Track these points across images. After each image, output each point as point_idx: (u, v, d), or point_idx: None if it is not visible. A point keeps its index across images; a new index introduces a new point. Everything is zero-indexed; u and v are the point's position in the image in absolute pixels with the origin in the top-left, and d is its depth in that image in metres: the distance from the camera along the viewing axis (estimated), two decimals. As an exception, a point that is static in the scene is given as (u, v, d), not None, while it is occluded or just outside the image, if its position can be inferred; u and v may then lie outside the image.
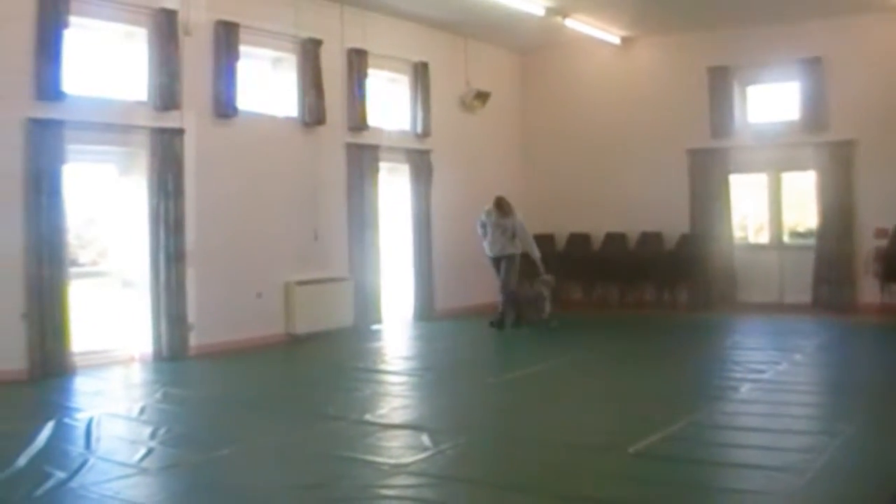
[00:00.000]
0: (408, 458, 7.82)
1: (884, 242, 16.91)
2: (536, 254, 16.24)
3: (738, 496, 6.62)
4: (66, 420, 9.42)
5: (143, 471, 7.65)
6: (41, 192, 11.74)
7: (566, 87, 20.34)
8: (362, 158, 16.30)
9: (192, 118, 13.55)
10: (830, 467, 7.18)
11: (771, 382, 10.76)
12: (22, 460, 7.83)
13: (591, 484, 7.01)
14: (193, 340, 13.56)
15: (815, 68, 17.39)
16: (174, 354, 13.18)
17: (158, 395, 10.80)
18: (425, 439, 8.45)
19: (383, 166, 16.87)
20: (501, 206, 15.99)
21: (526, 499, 6.75)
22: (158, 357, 13.10)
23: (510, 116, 20.58)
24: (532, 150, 20.70)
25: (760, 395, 10.09)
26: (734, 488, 6.82)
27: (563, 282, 19.11)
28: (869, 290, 17.10)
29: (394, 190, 17.53)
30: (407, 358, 13.82)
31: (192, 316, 13.50)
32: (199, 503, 6.98)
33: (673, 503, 6.47)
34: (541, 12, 16.48)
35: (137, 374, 12.39)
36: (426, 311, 17.48)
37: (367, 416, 9.56)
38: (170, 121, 13.22)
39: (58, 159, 11.87)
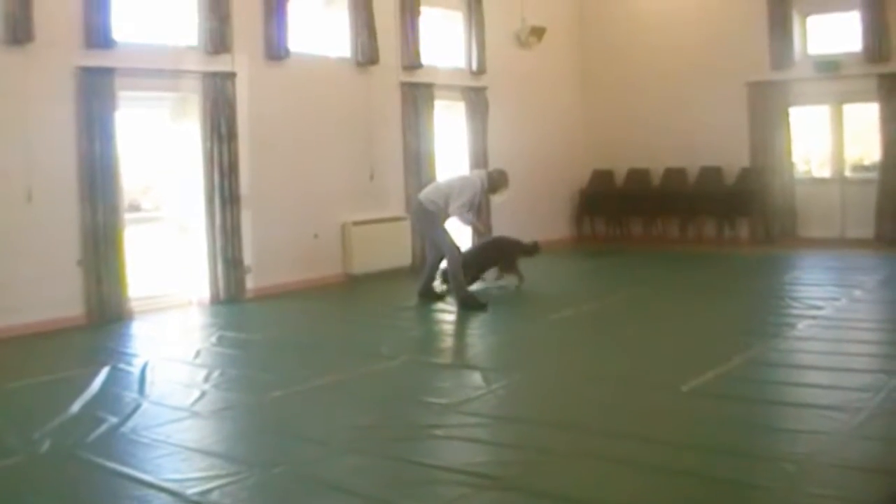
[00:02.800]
0: (460, 398, 7.81)
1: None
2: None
3: (789, 435, 6.53)
4: (121, 365, 9.50)
5: (195, 414, 7.69)
6: (94, 139, 11.78)
7: (623, 21, 20.08)
8: (417, 97, 16.20)
9: (243, 61, 13.50)
10: (886, 406, 7.07)
11: (829, 319, 10.62)
12: (76, 406, 7.93)
13: (641, 422, 6.96)
14: (250, 283, 13.62)
15: (876, -3, 17.04)
16: (231, 297, 13.24)
17: (214, 339, 10.86)
18: (478, 378, 8.45)
19: (438, 104, 16.73)
20: (494, 182, 13.33)
21: (576, 437, 6.72)
22: (215, 300, 13.17)
23: (567, 52, 20.34)
24: (589, 86, 20.50)
25: (818, 332, 9.95)
26: (786, 427, 6.74)
27: (623, 217, 19.05)
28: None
29: (450, 128, 17.41)
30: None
31: (248, 258, 13.55)
32: (250, 445, 7.00)
33: (723, 441, 6.38)
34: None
35: (194, 319, 12.45)
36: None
37: (421, 356, 9.60)
38: (221, 64, 13.19)
39: (109, 106, 11.89)
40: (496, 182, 13.21)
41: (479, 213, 13.66)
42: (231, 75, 13.26)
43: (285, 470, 6.20)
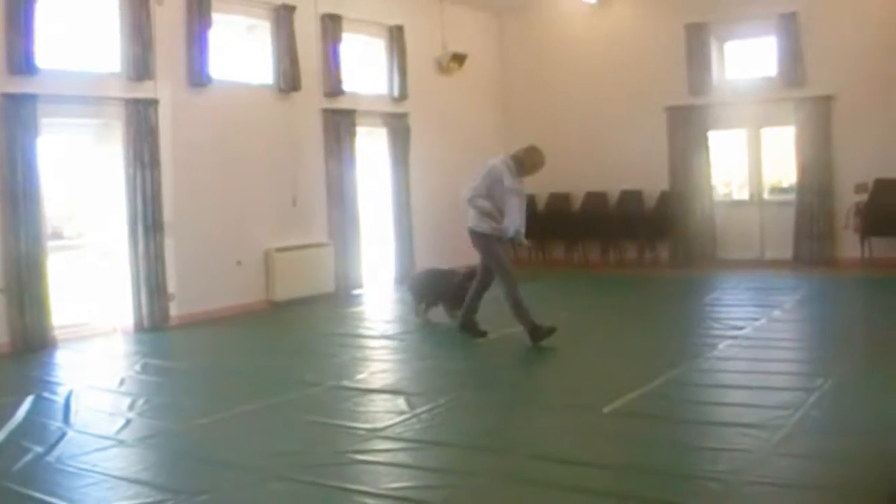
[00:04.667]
0: (384, 423, 7.86)
1: (864, 197, 16.93)
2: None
3: (711, 453, 6.62)
4: (46, 394, 9.45)
5: (121, 442, 7.68)
6: (16, 166, 11.72)
7: (543, 48, 20.31)
8: (339, 123, 16.26)
9: (166, 88, 13.50)
10: (805, 423, 7.23)
11: (749, 339, 10.81)
12: (0, 436, 7.88)
13: (565, 444, 7.06)
14: (174, 310, 13.58)
15: (791, 23, 17.32)
16: (155, 325, 13.20)
17: (138, 367, 10.82)
18: (402, 403, 8.51)
19: (360, 130, 16.81)
20: (523, 163, 11.53)
21: (500, 460, 6.82)
22: (139, 328, 13.12)
23: (488, 78, 20.51)
24: (511, 111, 20.67)
25: (738, 352, 10.12)
26: (708, 446, 6.85)
27: (544, 242, 19.17)
28: (849, 245, 17.11)
29: (372, 154, 17.48)
30: (387, 322, 13.80)
31: (171, 286, 13.52)
32: (176, 473, 7.00)
33: (646, 461, 6.49)
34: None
35: (118, 346, 12.39)
36: (408, 275, 17.46)
37: (345, 382, 9.60)
38: (144, 91, 13.18)
39: (32, 133, 11.84)
40: (523, 161, 11.42)
41: (503, 201, 11.17)
42: (154, 102, 13.25)
43: (210, 497, 6.23)
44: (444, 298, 12.95)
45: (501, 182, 11.13)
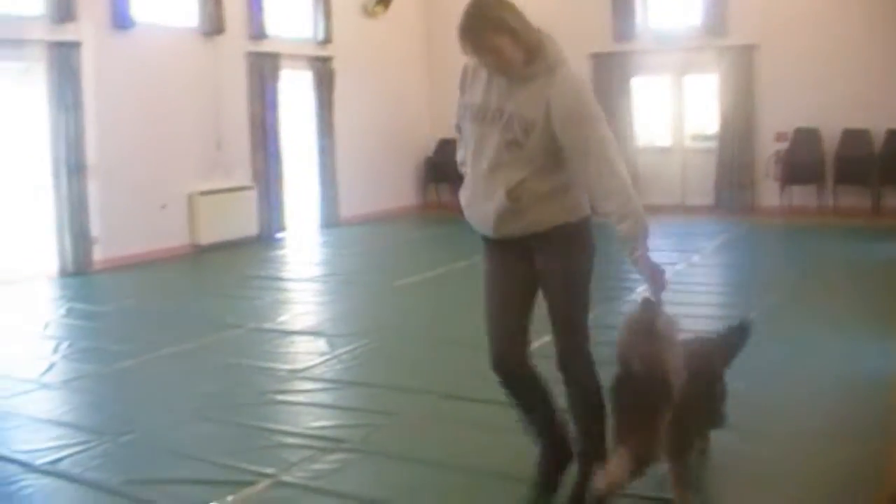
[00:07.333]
0: (305, 364, 8.02)
1: (784, 146, 17.23)
2: (636, 223, 4.74)
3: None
4: (-34, 339, 9.44)
5: (45, 385, 7.76)
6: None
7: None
8: (263, 67, 16.23)
9: (89, 30, 13.38)
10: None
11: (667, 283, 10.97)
12: (-84, 381, 7.91)
13: (479, 384, 7.18)
14: (98, 254, 13.54)
15: (715, -30, 17.54)
16: (79, 269, 13.18)
17: (62, 311, 10.87)
18: (323, 344, 8.67)
19: (285, 74, 16.79)
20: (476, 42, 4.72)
21: (423, 400, 7.00)
22: (63, 273, 13.09)
23: (414, 22, 20.45)
24: (436, 55, 20.59)
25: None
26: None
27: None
28: (770, 193, 17.44)
29: (297, 98, 17.49)
30: (310, 265, 13.93)
31: (95, 230, 13.49)
32: (100, 414, 7.10)
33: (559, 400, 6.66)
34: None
35: (42, 291, 12.37)
36: (331, 219, 17.54)
37: (267, 324, 9.73)
38: (66, 34, 13.07)
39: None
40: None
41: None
42: (76, 44, 13.16)
43: (134, 437, 6.35)
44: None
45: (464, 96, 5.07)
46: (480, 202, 4.80)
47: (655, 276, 4.75)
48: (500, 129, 4.66)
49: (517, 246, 4.84)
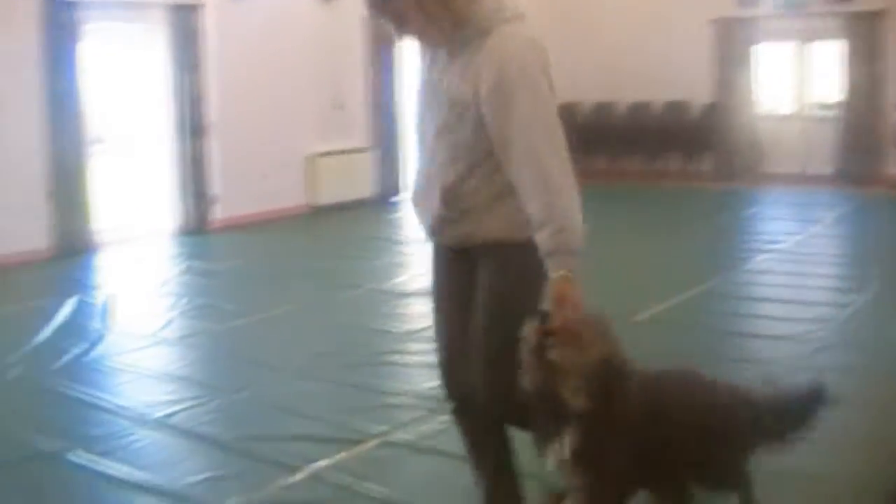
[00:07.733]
0: (419, 325, 7.94)
1: (909, 115, 16.81)
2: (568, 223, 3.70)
3: (739, 364, 6.66)
4: (87, 296, 9.56)
5: (161, 341, 7.86)
6: (59, 71, 11.74)
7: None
8: (383, 31, 16.11)
9: (210, -8, 13.52)
10: (834, 339, 7.30)
11: (786, 253, 10.83)
12: (41, 336, 8.01)
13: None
14: (217, 214, 13.68)
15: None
16: (198, 228, 13.32)
17: (180, 269, 10.99)
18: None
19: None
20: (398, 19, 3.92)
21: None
22: (183, 231, 13.23)
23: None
24: (565, 14, 20.16)
25: (774, 266, 10.17)
26: (736, 357, 6.94)
27: (585, 153, 19.09)
28: (893, 162, 17.03)
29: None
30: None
31: (215, 189, 13.62)
32: (215, 370, 7.19)
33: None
34: None
35: (160, 249, 12.50)
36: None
37: (384, 285, 9.74)
38: (188, -5, 13.23)
39: (73, 38, 11.86)
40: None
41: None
42: (197, 7, 13.24)
43: (249, 394, 6.40)
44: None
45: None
46: (421, 199, 4.00)
47: (563, 305, 3.57)
48: (436, 114, 3.83)
49: (462, 252, 3.99)
